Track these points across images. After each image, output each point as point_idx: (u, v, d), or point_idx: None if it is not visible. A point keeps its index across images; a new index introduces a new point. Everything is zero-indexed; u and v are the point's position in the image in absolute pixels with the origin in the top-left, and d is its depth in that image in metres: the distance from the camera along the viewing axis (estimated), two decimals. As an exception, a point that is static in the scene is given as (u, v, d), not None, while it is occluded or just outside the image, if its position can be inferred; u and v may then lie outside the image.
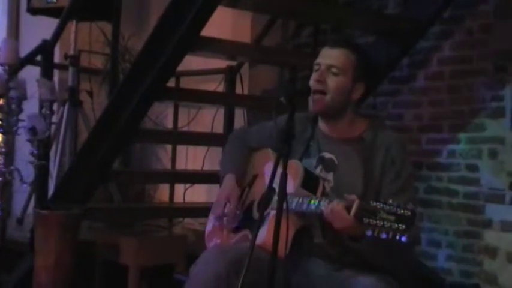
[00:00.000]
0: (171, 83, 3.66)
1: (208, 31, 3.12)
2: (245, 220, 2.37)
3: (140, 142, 4.72)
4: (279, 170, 1.95)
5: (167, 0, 3.08)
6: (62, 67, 4.32)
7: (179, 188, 4.58)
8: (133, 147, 4.95)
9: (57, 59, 4.16)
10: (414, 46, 3.74)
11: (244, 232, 2.34)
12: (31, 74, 3.40)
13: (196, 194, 4.42)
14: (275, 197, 1.95)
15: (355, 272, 2.12)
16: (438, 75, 3.79)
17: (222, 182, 2.46)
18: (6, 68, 3.11)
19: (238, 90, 4.32)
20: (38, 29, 4.05)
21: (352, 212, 1.93)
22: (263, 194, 2.00)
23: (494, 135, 3.50)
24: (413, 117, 3.90)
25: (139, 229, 3.78)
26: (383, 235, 1.84)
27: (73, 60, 4.08)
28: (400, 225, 1.83)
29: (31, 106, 3.31)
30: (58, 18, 3.51)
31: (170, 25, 3.05)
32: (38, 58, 3.40)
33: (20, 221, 3.98)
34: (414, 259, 3.26)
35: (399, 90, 3.99)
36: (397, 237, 1.83)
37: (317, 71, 2.24)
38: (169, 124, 4.90)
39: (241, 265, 1.89)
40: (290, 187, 2.04)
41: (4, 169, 3.17)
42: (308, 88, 2.22)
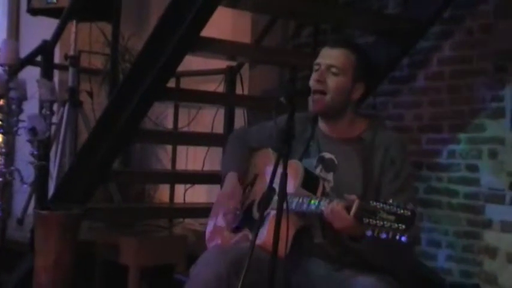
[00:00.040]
0: (171, 83, 3.66)
1: (208, 31, 3.12)
2: (245, 220, 2.37)
3: (140, 142, 4.72)
4: (279, 170, 1.95)
5: (167, 0, 3.08)
6: (62, 67, 4.31)
7: (179, 189, 4.57)
8: (133, 147, 4.95)
9: (57, 60, 4.16)
10: (414, 46, 3.74)
11: (244, 232, 2.33)
12: (31, 75, 3.40)
13: (196, 195, 4.42)
14: (275, 197, 1.95)
15: (355, 272, 2.12)
16: (438, 75, 3.79)
17: (224, 181, 2.46)
18: (6, 69, 3.11)
19: (238, 90, 4.32)
20: (38, 30, 4.04)
21: (352, 212, 1.93)
22: (263, 194, 2.00)
23: (494, 135, 3.49)
24: (413, 117, 3.89)
25: (139, 229, 3.78)
26: (383, 235, 1.85)
27: (73, 60, 4.08)
28: (400, 225, 1.83)
29: (31, 106, 3.31)
30: (58, 18, 3.52)
31: (170, 25, 3.05)
32: (38, 58, 3.40)
33: (20, 222, 3.98)
34: (414, 259, 3.26)
35: (399, 90, 3.99)
36: (397, 237, 1.83)
37: (317, 71, 2.24)
38: (169, 124, 4.90)
39: (241, 265, 1.89)
40: (290, 187, 2.04)
41: (4, 169, 3.18)
42: (308, 88, 2.22)
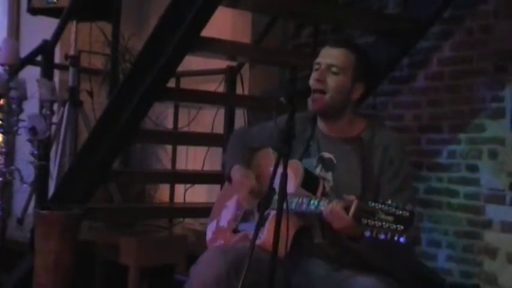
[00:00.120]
0: (171, 84, 3.66)
1: (208, 31, 3.12)
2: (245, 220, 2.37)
3: (140, 142, 4.72)
4: (280, 170, 1.95)
5: (167, 0, 3.08)
6: (63, 67, 4.32)
7: (179, 188, 4.58)
8: (133, 147, 4.95)
9: (57, 59, 4.16)
10: (414, 46, 3.74)
11: (244, 232, 2.34)
12: (31, 74, 3.40)
13: (196, 194, 4.42)
14: (275, 197, 1.95)
15: (354, 273, 2.12)
16: (438, 75, 3.79)
17: (230, 174, 2.40)
18: (6, 68, 3.11)
19: (238, 90, 4.31)
20: (39, 29, 4.04)
21: (350, 213, 1.93)
22: (263, 194, 2.00)
23: (494, 135, 3.49)
24: (413, 117, 3.89)
25: (139, 229, 3.77)
26: (381, 236, 1.84)
27: (73, 60, 4.08)
28: (399, 226, 1.83)
29: (31, 106, 3.30)
30: (58, 18, 3.52)
31: (170, 25, 3.05)
32: (39, 58, 3.40)
33: (20, 221, 3.98)
34: (414, 259, 3.25)
35: (399, 90, 3.99)
36: (395, 237, 1.83)
37: (317, 70, 2.24)
38: (169, 124, 4.90)
39: (241, 265, 1.89)
40: (290, 187, 2.04)
41: (4, 169, 3.17)
42: (308, 88, 2.22)
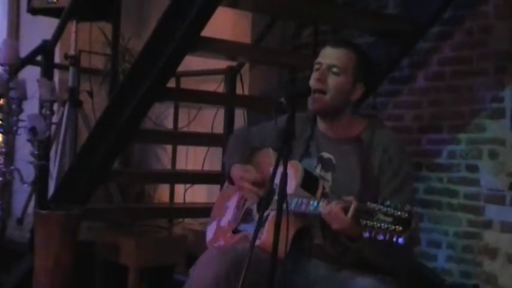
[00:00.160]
0: (172, 84, 3.66)
1: (208, 31, 3.12)
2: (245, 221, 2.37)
3: (140, 142, 4.72)
4: (279, 170, 1.95)
5: (167, 0, 3.08)
6: (62, 67, 4.32)
7: (179, 188, 4.58)
8: (133, 147, 4.96)
9: (57, 59, 4.16)
10: (414, 47, 3.74)
11: (244, 233, 2.33)
12: (31, 74, 3.40)
13: (196, 195, 4.42)
14: (275, 198, 1.95)
15: (354, 273, 2.11)
16: (438, 75, 3.79)
17: (230, 173, 2.39)
18: (6, 68, 3.11)
19: (238, 90, 4.31)
20: (39, 29, 4.05)
21: (349, 214, 1.93)
22: (263, 195, 2.00)
23: (494, 136, 3.50)
24: (413, 117, 3.89)
25: (139, 229, 3.77)
26: (380, 236, 1.84)
27: (73, 60, 4.08)
28: (397, 226, 1.83)
29: (31, 106, 3.30)
30: (58, 18, 3.52)
31: (170, 25, 3.05)
32: (39, 58, 3.41)
33: (20, 221, 3.98)
34: (413, 260, 3.25)
35: (399, 90, 3.99)
36: (394, 238, 1.83)
37: (318, 70, 2.23)
38: (169, 124, 4.90)
39: (241, 266, 1.88)
40: (290, 187, 2.04)
41: (4, 169, 3.17)
42: (308, 88, 2.22)
